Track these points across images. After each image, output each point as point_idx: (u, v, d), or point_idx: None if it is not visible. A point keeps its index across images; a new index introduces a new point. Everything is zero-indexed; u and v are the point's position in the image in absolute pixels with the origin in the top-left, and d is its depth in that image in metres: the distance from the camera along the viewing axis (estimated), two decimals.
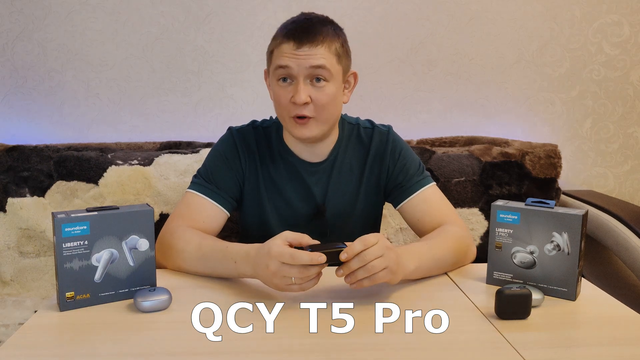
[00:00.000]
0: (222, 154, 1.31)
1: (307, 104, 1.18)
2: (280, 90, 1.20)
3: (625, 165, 2.21)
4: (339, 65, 1.20)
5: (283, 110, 1.21)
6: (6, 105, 2.01)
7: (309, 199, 1.32)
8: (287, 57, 1.16)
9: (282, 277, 0.97)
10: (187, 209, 1.26)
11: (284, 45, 1.17)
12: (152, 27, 2.00)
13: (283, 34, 1.19)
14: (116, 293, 1.01)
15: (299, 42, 1.16)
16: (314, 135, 1.22)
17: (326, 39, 1.17)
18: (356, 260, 0.96)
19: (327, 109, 1.20)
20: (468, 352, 0.86)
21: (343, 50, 1.22)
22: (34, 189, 1.72)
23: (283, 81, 1.19)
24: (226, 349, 0.85)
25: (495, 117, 2.15)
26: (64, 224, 0.95)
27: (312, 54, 1.16)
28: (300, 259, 0.94)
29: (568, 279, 1.05)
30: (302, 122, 1.20)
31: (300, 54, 1.16)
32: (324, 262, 0.95)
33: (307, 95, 1.17)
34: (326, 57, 1.17)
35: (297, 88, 1.17)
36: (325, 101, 1.18)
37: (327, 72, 1.17)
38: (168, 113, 2.05)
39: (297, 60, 1.16)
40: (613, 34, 2.12)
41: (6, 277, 1.69)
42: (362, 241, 0.97)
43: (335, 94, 1.20)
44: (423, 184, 1.31)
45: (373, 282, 0.98)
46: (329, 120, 1.23)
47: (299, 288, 0.98)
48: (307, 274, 0.96)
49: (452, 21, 2.08)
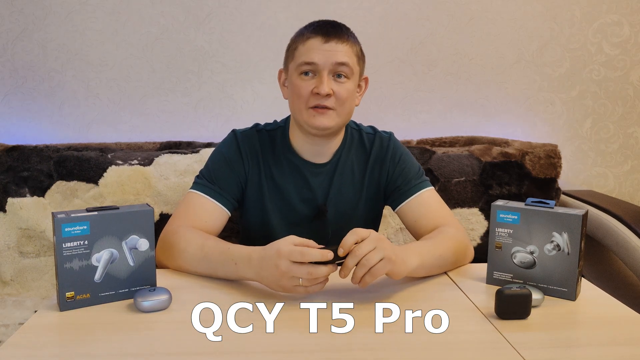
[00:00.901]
0: (225, 156, 1.32)
1: (329, 96, 1.22)
2: (302, 82, 1.24)
3: (625, 165, 2.21)
4: (358, 66, 1.27)
5: (302, 102, 1.24)
6: (6, 105, 2.01)
7: (311, 200, 1.33)
8: (315, 51, 1.21)
9: (291, 277, 0.97)
10: (189, 209, 1.26)
11: (311, 40, 1.23)
12: (152, 27, 2.00)
13: (310, 30, 1.24)
14: (116, 293, 1.01)
15: (327, 37, 1.22)
16: (331, 126, 1.25)
17: (350, 39, 1.25)
18: (351, 257, 0.97)
19: (345, 104, 1.25)
20: (468, 352, 0.86)
21: (362, 54, 1.30)
22: (34, 189, 1.72)
23: (305, 75, 1.23)
24: (226, 349, 0.85)
25: (495, 117, 2.15)
26: (64, 224, 0.95)
27: (338, 50, 1.22)
28: (311, 256, 0.95)
29: (568, 279, 1.05)
30: (322, 111, 1.23)
31: (328, 49, 1.21)
32: (332, 258, 0.96)
33: (330, 88, 1.22)
34: (349, 56, 1.23)
35: (322, 80, 1.22)
36: (346, 96, 1.24)
37: (348, 70, 1.23)
38: (168, 113, 2.05)
39: (324, 55, 1.21)
40: (613, 34, 2.12)
41: (6, 277, 1.69)
42: (353, 233, 0.98)
43: (353, 91, 1.27)
44: (421, 187, 1.33)
45: (374, 276, 0.98)
46: (346, 115, 1.27)
47: (305, 290, 0.98)
48: (317, 274, 0.96)
49: (452, 21, 2.08)
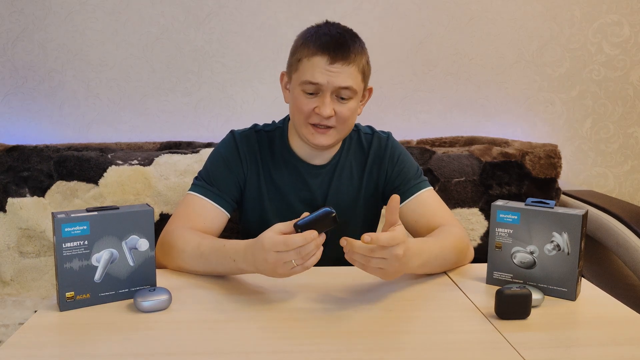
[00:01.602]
0: (223, 157, 1.32)
1: (331, 117, 1.21)
2: (304, 99, 1.22)
3: (625, 165, 2.21)
4: (362, 83, 1.25)
5: (302, 117, 1.24)
6: (6, 105, 2.01)
7: (310, 202, 1.33)
8: (319, 72, 1.18)
9: (283, 264, 0.96)
10: (188, 210, 1.26)
11: (317, 58, 1.19)
12: (152, 27, 2.00)
13: (317, 45, 1.20)
14: (116, 293, 1.01)
15: (333, 58, 1.18)
16: (330, 143, 1.26)
17: (357, 57, 1.21)
18: (364, 249, 0.95)
19: (347, 122, 1.25)
20: (468, 352, 0.86)
21: (368, 68, 1.26)
22: (34, 189, 1.72)
23: (308, 92, 1.22)
24: (226, 348, 0.85)
25: (495, 117, 2.15)
26: (64, 224, 0.95)
27: (343, 72, 1.18)
28: (294, 243, 0.94)
29: (568, 279, 1.05)
30: (322, 132, 1.23)
31: (333, 70, 1.18)
32: (317, 237, 0.95)
33: (332, 109, 1.20)
34: (354, 78, 1.20)
35: (324, 101, 1.20)
36: (347, 115, 1.23)
37: (352, 92, 1.21)
38: (168, 113, 2.05)
39: (329, 76, 1.18)
40: (613, 34, 2.12)
41: (6, 277, 1.69)
42: (389, 239, 0.96)
43: (355, 108, 1.25)
44: (420, 187, 1.33)
45: (364, 269, 0.99)
46: (346, 131, 1.28)
47: (302, 268, 0.97)
48: (306, 252, 0.95)
49: (452, 21, 2.08)
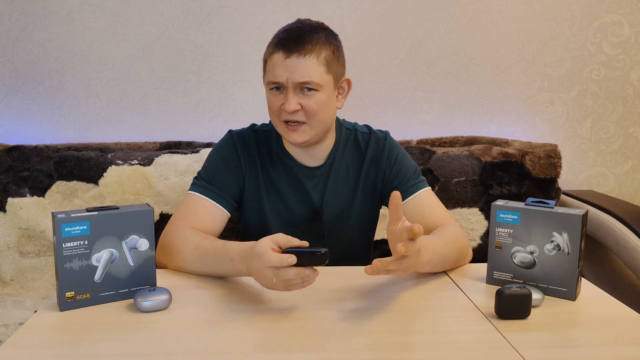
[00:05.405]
0: (222, 156, 1.32)
1: (297, 111, 1.21)
2: (272, 97, 1.23)
3: (625, 165, 2.21)
4: (328, 75, 1.21)
5: (275, 116, 1.25)
6: (6, 105, 2.01)
7: (307, 203, 1.33)
8: (278, 69, 1.19)
9: (265, 276, 0.95)
10: (188, 210, 1.26)
11: (274, 55, 1.20)
12: (152, 27, 2.00)
13: (275, 43, 1.22)
14: (116, 293, 1.01)
15: (288, 52, 1.18)
16: (305, 140, 1.24)
17: (315, 48, 1.19)
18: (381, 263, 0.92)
19: (318, 115, 1.22)
20: (468, 352, 0.86)
21: (334, 58, 1.22)
22: (34, 189, 1.72)
23: (276, 89, 1.22)
24: (226, 348, 0.85)
25: (495, 117, 2.15)
26: (64, 224, 0.95)
27: (299, 65, 1.17)
28: (269, 261, 0.93)
29: (568, 279, 1.05)
30: (293, 128, 1.23)
31: (289, 65, 1.18)
32: (293, 263, 0.92)
33: (297, 103, 1.20)
34: (313, 70, 1.18)
35: (287, 97, 1.20)
36: (315, 108, 1.21)
37: (314, 84, 1.19)
38: (168, 113, 2.05)
39: (286, 72, 1.18)
40: (613, 34, 2.12)
41: (6, 277, 1.69)
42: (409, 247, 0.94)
43: (326, 101, 1.22)
44: (418, 188, 1.32)
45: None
46: (321, 126, 1.25)
47: (284, 289, 0.96)
48: (285, 277, 0.93)
49: (452, 21, 2.08)
